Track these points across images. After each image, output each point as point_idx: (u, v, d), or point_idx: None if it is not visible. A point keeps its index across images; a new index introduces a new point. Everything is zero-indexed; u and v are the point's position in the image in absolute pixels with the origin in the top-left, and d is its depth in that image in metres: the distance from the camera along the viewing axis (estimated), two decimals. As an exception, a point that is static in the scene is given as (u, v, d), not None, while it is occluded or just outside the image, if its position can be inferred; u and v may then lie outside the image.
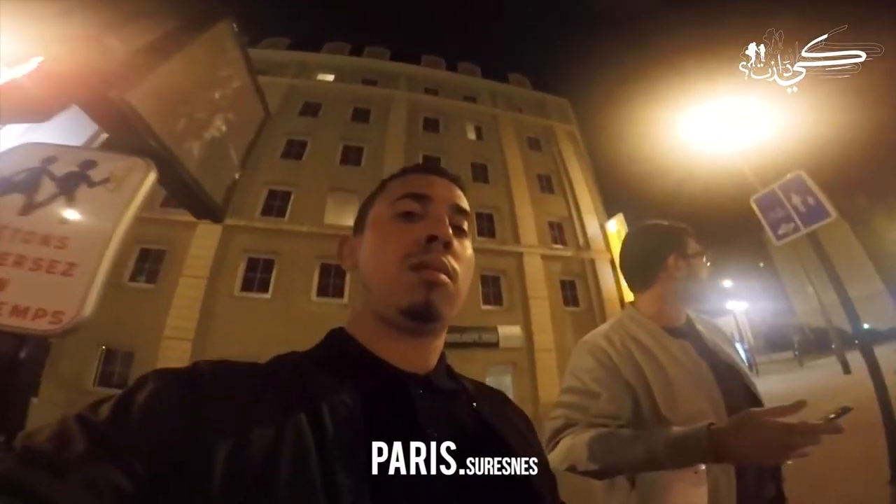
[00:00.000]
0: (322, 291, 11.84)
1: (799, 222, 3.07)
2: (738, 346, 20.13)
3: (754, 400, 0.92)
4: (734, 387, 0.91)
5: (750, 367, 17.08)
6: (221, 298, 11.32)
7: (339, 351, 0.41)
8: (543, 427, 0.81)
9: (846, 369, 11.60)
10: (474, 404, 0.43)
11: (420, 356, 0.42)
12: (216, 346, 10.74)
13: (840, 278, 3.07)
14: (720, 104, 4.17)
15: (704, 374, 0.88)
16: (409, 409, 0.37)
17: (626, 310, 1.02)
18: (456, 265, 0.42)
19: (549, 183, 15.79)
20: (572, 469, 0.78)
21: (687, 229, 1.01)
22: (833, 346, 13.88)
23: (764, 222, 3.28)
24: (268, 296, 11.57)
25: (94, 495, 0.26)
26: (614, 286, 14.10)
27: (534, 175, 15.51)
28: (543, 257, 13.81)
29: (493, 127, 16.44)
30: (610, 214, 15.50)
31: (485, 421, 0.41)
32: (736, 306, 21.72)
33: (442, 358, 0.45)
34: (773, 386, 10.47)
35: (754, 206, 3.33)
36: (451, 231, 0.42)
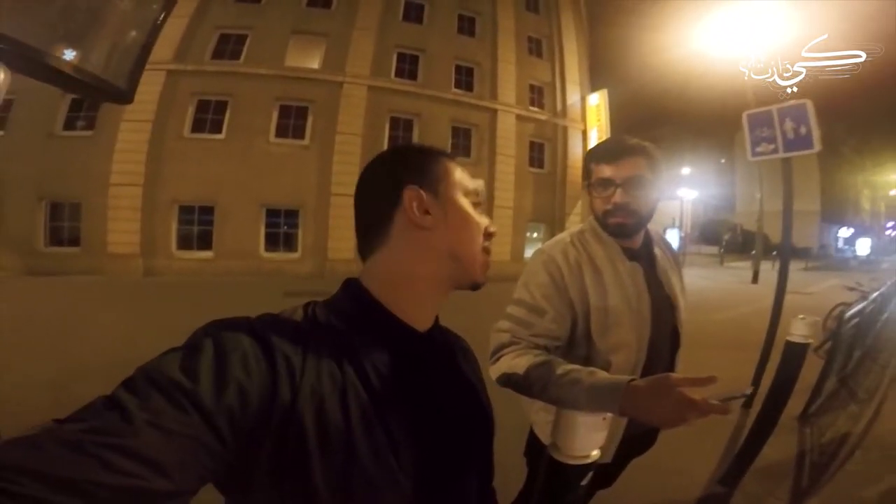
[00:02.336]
0: (281, 133, 11.28)
1: (781, 147, 3.01)
2: (676, 231, 21.98)
3: (675, 340, 1.02)
4: (664, 324, 0.98)
5: (682, 254, 18.71)
6: (170, 141, 10.48)
7: (365, 310, 0.47)
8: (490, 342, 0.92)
9: (755, 279, 12.56)
10: (459, 359, 0.56)
11: (433, 312, 0.52)
12: (169, 189, 10.29)
13: (792, 195, 3.15)
14: (743, 10, 3.62)
15: (643, 307, 0.94)
16: (424, 369, 0.48)
17: (591, 220, 1.01)
18: None
19: (538, 47, 14.77)
20: (506, 385, 0.84)
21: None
22: (752, 253, 14.70)
23: (747, 137, 3.21)
24: (221, 136, 10.85)
25: (186, 458, 0.30)
26: (580, 156, 14.40)
27: (524, 36, 14.35)
28: (518, 117, 13.58)
29: (490, -21, 14.25)
30: (595, 89, 14.97)
31: (463, 373, 0.55)
32: (686, 194, 23.08)
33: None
34: (692, 280, 10.56)
35: (744, 121, 3.23)
36: None
